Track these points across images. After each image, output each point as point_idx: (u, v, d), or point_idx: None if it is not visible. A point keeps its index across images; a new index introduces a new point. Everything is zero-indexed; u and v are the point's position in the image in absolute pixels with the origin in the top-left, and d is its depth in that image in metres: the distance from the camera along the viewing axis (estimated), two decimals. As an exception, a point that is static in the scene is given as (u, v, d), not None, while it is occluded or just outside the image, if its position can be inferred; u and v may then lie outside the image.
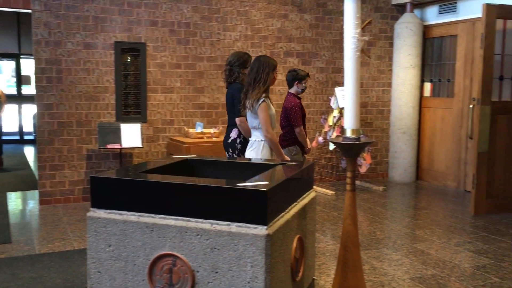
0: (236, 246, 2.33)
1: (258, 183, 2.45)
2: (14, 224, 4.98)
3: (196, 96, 6.39)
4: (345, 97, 2.78)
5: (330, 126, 6.55)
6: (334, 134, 6.42)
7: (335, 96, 6.52)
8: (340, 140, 2.82)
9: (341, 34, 7.08)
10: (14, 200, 6.05)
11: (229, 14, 6.45)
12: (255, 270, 2.29)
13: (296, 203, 2.84)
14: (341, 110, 6.33)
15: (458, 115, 6.80)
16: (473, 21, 6.49)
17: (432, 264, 3.94)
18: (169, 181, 2.53)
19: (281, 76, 6.84)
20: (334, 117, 6.49)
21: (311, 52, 7.01)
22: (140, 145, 5.72)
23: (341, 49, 7.11)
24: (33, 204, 5.89)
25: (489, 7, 5.24)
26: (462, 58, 6.74)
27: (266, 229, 2.31)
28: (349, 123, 2.73)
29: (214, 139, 5.93)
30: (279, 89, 6.82)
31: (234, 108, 4.19)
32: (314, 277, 3.30)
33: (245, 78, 4.16)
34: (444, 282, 3.57)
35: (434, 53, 7.35)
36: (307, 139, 5.02)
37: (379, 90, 7.50)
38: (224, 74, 4.38)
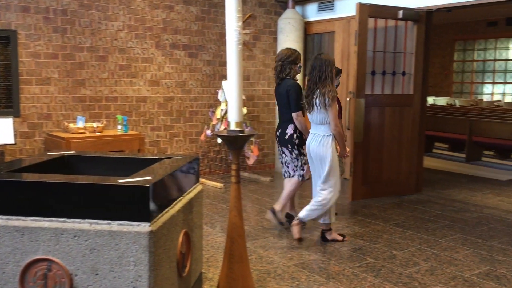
0: (117, 245, 2.24)
1: (140, 178, 2.37)
2: None
3: (77, 89, 6.02)
4: (228, 90, 2.80)
5: (218, 119, 6.58)
6: (222, 127, 6.46)
7: (222, 89, 6.56)
8: (224, 133, 2.84)
9: (227, 28, 7.13)
10: None
11: (110, 3, 6.15)
12: (139, 268, 2.22)
13: (182, 197, 2.81)
14: (228, 103, 6.38)
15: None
16: (348, 19, 6.93)
17: (314, 249, 4.15)
18: (41, 179, 2.34)
19: (169, 68, 6.71)
20: (222, 110, 6.53)
21: (198, 44, 6.96)
22: (12, 142, 5.26)
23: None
24: None
25: (361, 6, 5.62)
26: (339, 53, 7.16)
27: (149, 226, 2.24)
28: (233, 116, 2.75)
29: (97, 134, 5.64)
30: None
31: (290, 103, 4.37)
32: (202, 271, 3.30)
33: (296, 74, 4.55)
34: (325, 265, 3.79)
35: (314, 48, 7.71)
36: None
37: (265, 84, 7.70)
38: (275, 70, 4.56)
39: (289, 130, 4.50)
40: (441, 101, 13.19)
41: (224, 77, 7.10)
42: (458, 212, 5.43)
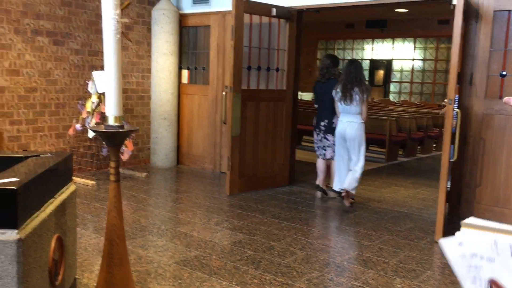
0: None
1: (4, 180, 2.10)
2: None
3: None
4: (106, 82, 2.61)
5: (88, 112, 6.17)
6: (93, 121, 6.08)
7: (93, 80, 6.17)
8: (102, 129, 2.65)
9: (97, 15, 6.71)
10: None
11: (-42, -21, 5.40)
12: (5, 282, 1.97)
13: (53, 199, 2.56)
14: (100, 96, 6.03)
15: (213, 101, 7.25)
16: (224, 14, 6.96)
17: (195, 245, 4.10)
18: None
19: (31, 57, 6.11)
20: (93, 102, 6.14)
21: (64, 32, 6.44)
22: None
23: (97, 31, 6.74)
24: None
25: (238, 2, 5.68)
26: (215, 48, 7.18)
27: (17, 233, 2.00)
28: (112, 110, 2.58)
29: None
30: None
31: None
32: (77, 276, 3.06)
33: (336, 75, 5.68)
34: (206, 261, 3.77)
35: (190, 41, 7.63)
36: None
37: (139, 76, 7.42)
38: (321, 72, 5.84)
39: (335, 120, 5.60)
40: (307, 96, 13.99)
41: (94, 67, 6.68)
42: (327, 201, 5.79)
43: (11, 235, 1.99)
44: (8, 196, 1.99)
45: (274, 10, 6.01)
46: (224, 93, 5.99)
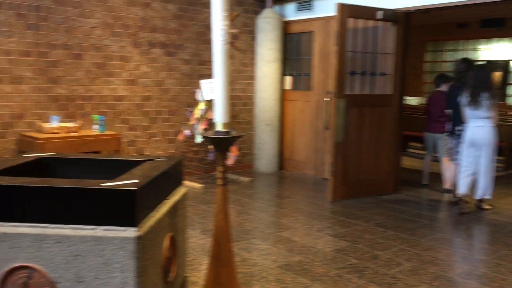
0: (103, 251, 2.15)
1: (125, 182, 2.29)
2: None
3: (51, 87, 5.84)
4: (214, 90, 2.73)
5: (196, 119, 6.49)
6: (201, 127, 6.38)
7: (201, 88, 6.48)
8: (210, 134, 2.77)
9: (205, 26, 7.05)
10: None
11: (86, -1, 6.00)
12: (125, 275, 2.15)
13: (166, 200, 2.74)
14: (207, 103, 6.31)
15: (315, 107, 7.24)
16: (327, 19, 6.93)
17: (297, 250, 4.12)
18: (20, 183, 2.24)
19: (146, 67, 6.58)
20: (200, 110, 6.45)
21: (176, 43, 6.86)
22: (-17, 143, 5.06)
23: (206, 41, 7.07)
24: None
25: (342, 7, 5.62)
26: (318, 53, 7.17)
27: (136, 231, 2.17)
28: (220, 117, 2.69)
29: (73, 134, 5.49)
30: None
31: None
32: (186, 275, 3.23)
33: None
34: (309, 267, 3.76)
35: (293, 48, 7.70)
36: None
37: (243, 83, 7.65)
38: (457, 75, 5.88)
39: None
40: (413, 101, 13.38)
41: (202, 76, 7.01)
42: (435, 211, 5.50)
43: (131, 232, 2.16)
44: (128, 196, 2.17)
45: (379, 13, 5.86)
46: (327, 99, 5.95)
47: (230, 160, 6.59)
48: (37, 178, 2.44)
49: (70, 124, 5.59)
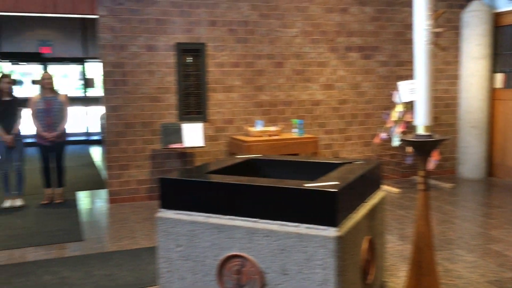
0: (305, 248, 2.28)
1: (326, 183, 2.38)
2: (85, 222, 5.19)
3: (256, 94, 6.38)
4: (415, 92, 2.65)
5: (393, 122, 6.33)
6: (398, 130, 6.20)
7: (399, 90, 6.30)
8: (411, 138, 2.69)
9: (404, 26, 6.84)
10: (83, 199, 6.31)
11: (287, 11, 6.38)
12: (326, 272, 2.23)
13: (364, 203, 2.76)
14: (405, 105, 6.11)
15: (533, 107, 6.38)
16: (549, 6, 6.05)
17: (510, 266, 3.70)
18: (236, 182, 2.51)
19: (343, 71, 6.70)
20: (398, 112, 6.27)
21: (373, 45, 6.81)
22: (201, 145, 5.79)
23: (404, 42, 6.86)
24: (101, 202, 6.11)
25: None
26: (537, 46, 6.31)
27: (337, 231, 2.24)
28: (422, 119, 2.59)
29: (274, 137, 5.89)
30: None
31: None
32: (384, 279, 3.19)
33: None
34: (525, 286, 3.35)
35: (505, 42, 6.92)
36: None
37: (445, 83, 7.18)
38: None
39: None
40: None
41: (400, 78, 6.81)
42: None
43: (332, 232, 2.24)
44: (330, 197, 2.26)
45: None
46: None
47: (431, 165, 6.25)
48: (247, 177, 2.71)
49: (272, 128, 6.01)
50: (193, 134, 5.77)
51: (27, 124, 5.86)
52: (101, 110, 11.60)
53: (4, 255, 4.18)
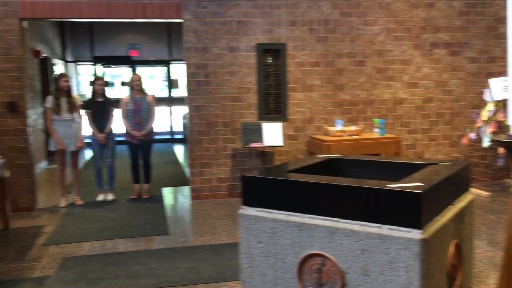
0: (388, 249, 2.24)
1: (411, 184, 2.32)
2: (170, 217, 5.44)
3: (336, 94, 6.32)
4: (508, 89, 2.50)
5: (483, 121, 5.99)
6: (489, 130, 5.85)
7: (490, 88, 5.94)
8: (503, 138, 2.55)
9: (496, 20, 6.45)
10: (168, 195, 6.61)
11: (369, 8, 6.26)
12: (410, 276, 2.18)
13: (452, 205, 2.65)
14: (497, 104, 5.75)
15: None
16: None
17: None
18: (318, 181, 2.52)
19: (428, 69, 6.45)
20: (489, 111, 5.92)
21: (461, 41, 6.48)
22: (281, 144, 5.84)
23: (496, 36, 6.47)
24: (184, 199, 6.37)
25: None
26: None
27: (421, 233, 2.18)
28: (515, 118, 2.44)
29: (355, 137, 5.81)
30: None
31: None
32: (472, 286, 3.04)
33: None
34: None
35: None
36: None
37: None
38: None
39: None
40: None
41: (491, 75, 6.42)
42: None
43: (416, 234, 2.18)
44: (414, 198, 2.20)
45: None
46: None
47: (524, 167, 5.84)
48: (329, 177, 2.70)
49: (353, 128, 5.92)
50: (272, 134, 5.85)
51: (118, 123, 6.24)
52: (184, 110, 12.09)
53: (98, 245, 4.50)
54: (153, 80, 13.53)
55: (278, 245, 2.57)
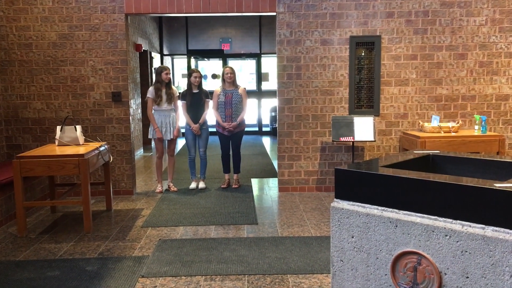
0: (491, 252, 2.11)
1: (519, 184, 2.17)
2: (258, 207, 5.54)
3: (433, 88, 6.04)
4: None
5: None
6: None
7: None
8: None
9: None
10: (256, 186, 6.73)
11: (473, -3, 5.90)
12: (511, 282, 2.04)
13: None
14: None
15: None
16: None
17: None
18: (415, 177, 2.43)
19: (535, 62, 5.96)
20: None
21: None
22: (372, 139, 5.71)
23: None
24: (272, 190, 6.45)
25: None
26: None
27: (530, 237, 2.03)
28: None
29: (453, 134, 5.52)
30: (533, 78, 5.94)
31: None
32: None
33: None
34: None
35: None
36: None
37: None
38: None
39: None
40: None
41: None
42: None
43: (524, 238, 2.03)
44: (523, 199, 2.05)
45: None
46: None
47: None
48: (429, 173, 2.60)
49: (451, 124, 5.63)
50: (364, 128, 5.73)
51: (210, 115, 6.46)
52: (272, 103, 12.20)
53: (191, 230, 4.71)
54: (241, 73, 13.79)
55: (371, 241, 2.52)
